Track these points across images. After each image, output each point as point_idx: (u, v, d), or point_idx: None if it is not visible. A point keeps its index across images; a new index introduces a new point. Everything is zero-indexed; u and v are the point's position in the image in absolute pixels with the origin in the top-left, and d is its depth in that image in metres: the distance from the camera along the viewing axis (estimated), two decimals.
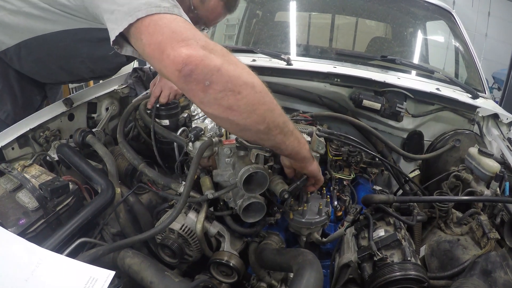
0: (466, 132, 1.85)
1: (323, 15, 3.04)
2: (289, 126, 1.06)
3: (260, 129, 0.98)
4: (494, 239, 1.25)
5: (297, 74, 1.98)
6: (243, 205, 1.23)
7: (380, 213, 1.39)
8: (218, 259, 1.27)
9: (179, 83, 0.89)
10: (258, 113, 0.95)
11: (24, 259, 0.88)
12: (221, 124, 1.03)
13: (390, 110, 1.83)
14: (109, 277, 0.85)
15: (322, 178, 1.31)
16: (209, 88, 0.87)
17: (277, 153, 1.19)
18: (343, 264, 1.24)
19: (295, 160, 1.20)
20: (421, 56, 2.59)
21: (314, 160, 1.25)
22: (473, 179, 1.56)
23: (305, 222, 1.33)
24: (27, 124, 1.50)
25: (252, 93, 0.92)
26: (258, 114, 0.95)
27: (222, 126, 1.22)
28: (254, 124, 0.96)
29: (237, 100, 0.90)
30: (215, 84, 0.87)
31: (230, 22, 3.12)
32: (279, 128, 1.02)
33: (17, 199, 1.22)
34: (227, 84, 0.88)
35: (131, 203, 1.44)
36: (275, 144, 1.06)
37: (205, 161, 1.45)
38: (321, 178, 1.31)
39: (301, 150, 1.14)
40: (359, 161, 1.75)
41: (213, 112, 0.93)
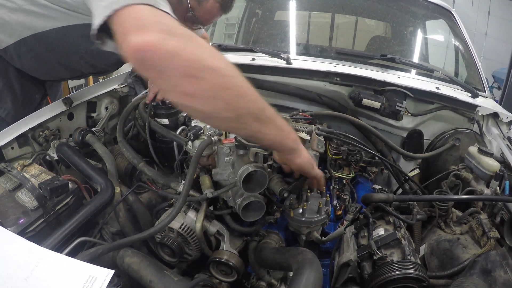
0: (466, 131, 1.85)
1: (322, 14, 3.04)
2: (267, 113, 0.96)
3: (229, 117, 0.89)
4: (494, 238, 1.25)
5: (296, 73, 1.98)
6: (242, 204, 1.23)
7: (380, 212, 1.39)
8: (217, 258, 1.27)
9: (139, 70, 0.85)
10: (223, 99, 0.87)
11: (24, 258, 0.88)
12: (186, 111, 1.00)
13: (389, 109, 1.83)
14: (108, 276, 0.85)
15: (317, 173, 1.23)
16: (163, 74, 0.82)
17: (258, 143, 1.13)
18: (343, 263, 1.24)
19: (279, 152, 1.15)
20: (421, 55, 2.59)
21: (304, 152, 1.15)
22: (473, 178, 1.56)
23: (304, 221, 1.33)
24: (27, 124, 1.50)
25: (213, 78, 0.85)
26: (222, 100, 0.87)
27: (188, 114, 1.17)
28: (220, 111, 0.88)
29: (196, 86, 0.83)
30: (170, 70, 0.81)
31: (229, 21, 3.12)
32: (253, 115, 0.93)
33: (17, 199, 1.22)
34: (184, 69, 0.82)
35: (131, 202, 1.44)
36: (251, 133, 0.98)
37: (205, 160, 1.45)
38: (315, 174, 1.22)
39: (284, 140, 1.05)
40: (358, 160, 1.75)
41: (173, 99, 0.88)
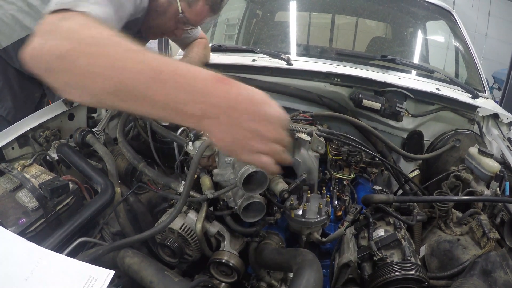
0: (466, 132, 1.85)
1: (323, 15, 3.04)
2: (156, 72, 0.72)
3: (105, 90, 0.73)
4: (494, 239, 1.25)
5: (297, 74, 1.98)
6: (243, 204, 1.23)
7: (380, 213, 1.39)
8: (218, 259, 1.27)
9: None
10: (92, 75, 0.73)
11: (24, 258, 0.88)
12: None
13: (390, 110, 1.83)
14: (109, 277, 0.85)
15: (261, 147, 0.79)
16: (47, 76, 0.77)
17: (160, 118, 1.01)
18: (343, 264, 1.24)
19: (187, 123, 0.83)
20: (421, 56, 2.59)
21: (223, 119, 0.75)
22: (473, 179, 1.55)
23: (305, 222, 1.33)
24: (27, 124, 1.50)
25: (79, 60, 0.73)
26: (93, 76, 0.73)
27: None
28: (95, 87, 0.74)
29: (69, 74, 0.75)
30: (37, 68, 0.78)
31: (230, 22, 3.12)
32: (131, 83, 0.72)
33: (17, 199, 1.22)
34: (52, 62, 0.75)
35: (131, 202, 1.44)
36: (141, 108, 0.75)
37: (205, 160, 1.45)
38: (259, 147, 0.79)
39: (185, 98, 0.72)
40: (359, 161, 1.75)
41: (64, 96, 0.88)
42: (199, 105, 0.71)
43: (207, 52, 2.04)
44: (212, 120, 0.73)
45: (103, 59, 0.72)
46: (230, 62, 2.05)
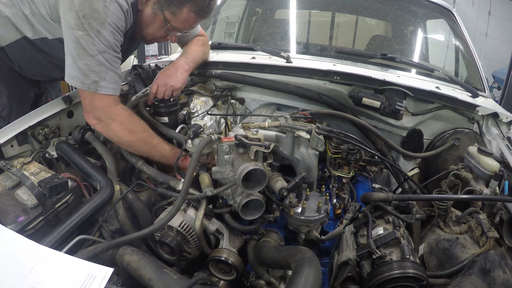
0: (465, 131, 1.85)
1: (323, 13, 3.04)
2: (157, 148, 1.53)
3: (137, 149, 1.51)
4: (493, 238, 1.25)
5: (296, 71, 1.98)
6: (242, 202, 1.23)
7: (379, 211, 1.39)
8: (216, 257, 1.27)
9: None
10: (133, 147, 1.51)
11: (23, 256, 0.88)
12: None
13: (389, 108, 1.83)
14: (108, 274, 0.85)
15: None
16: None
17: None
18: (342, 262, 1.24)
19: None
20: (421, 55, 2.58)
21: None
22: (473, 178, 1.55)
23: (304, 220, 1.33)
24: (26, 122, 1.50)
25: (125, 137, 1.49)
26: (133, 146, 1.51)
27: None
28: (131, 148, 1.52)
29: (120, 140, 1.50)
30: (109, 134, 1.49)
31: (230, 20, 3.11)
32: (146, 149, 1.52)
33: (16, 196, 1.22)
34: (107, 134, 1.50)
35: (130, 200, 1.44)
36: (149, 156, 1.53)
37: (204, 158, 1.45)
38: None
39: (167, 163, 1.54)
40: (358, 159, 1.75)
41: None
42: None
43: (206, 49, 2.04)
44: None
45: (141, 151, 1.51)
46: (230, 59, 2.05)
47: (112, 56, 1.39)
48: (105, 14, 1.32)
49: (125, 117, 1.45)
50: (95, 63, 1.35)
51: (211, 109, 1.96)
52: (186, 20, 1.52)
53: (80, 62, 1.34)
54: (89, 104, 1.42)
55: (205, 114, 1.93)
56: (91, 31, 1.31)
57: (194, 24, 1.61)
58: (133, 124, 1.47)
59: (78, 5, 1.30)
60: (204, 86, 2.09)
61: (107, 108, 1.42)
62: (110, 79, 1.40)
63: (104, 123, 1.43)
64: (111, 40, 1.37)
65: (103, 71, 1.37)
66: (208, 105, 1.97)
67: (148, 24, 1.55)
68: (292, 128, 1.40)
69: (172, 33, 1.61)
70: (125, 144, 1.49)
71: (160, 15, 1.50)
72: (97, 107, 1.41)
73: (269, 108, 2.07)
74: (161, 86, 1.68)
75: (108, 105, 1.42)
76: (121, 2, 1.37)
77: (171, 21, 1.52)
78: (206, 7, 1.52)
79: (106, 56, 1.36)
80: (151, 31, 1.58)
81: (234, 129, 1.73)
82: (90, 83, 1.36)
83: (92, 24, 1.30)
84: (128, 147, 1.50)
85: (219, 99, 2.04)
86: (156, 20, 1.52)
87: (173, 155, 1.51)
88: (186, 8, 1.48)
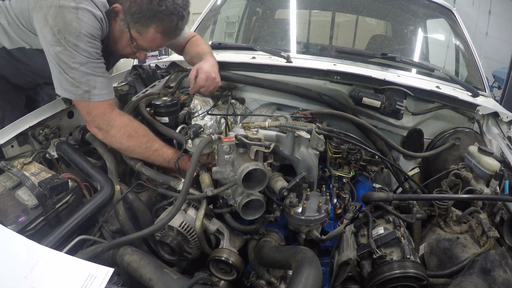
0: (466, 130, 1.85)
1: (323, 12, 3.03)
2: (157, 152, 1.51)
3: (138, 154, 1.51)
4: (494, 238, 1.25)
5: (297, 71, 1.98)
6: (242, 202, 1.23)
7: (380, 211, 1.39)
8: (217, 257, 1.27)
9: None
10: (135, 151, 1.50)
11: (24, 256, 0.88)
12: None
13: (390, 108, 1.82)
14: (108, 274, 0.85)
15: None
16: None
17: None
18: (342, 262, 1.24)
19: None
20: (422, 54, 2.58)
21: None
22: (473, 178, 1.55)
23: (304, 220, 1.33)
24: (27, 122, 1.50)
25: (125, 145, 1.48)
26: (134, 151, 1.50)
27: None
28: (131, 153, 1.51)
29: (122, 146, 1.49)
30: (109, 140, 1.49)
31: (230, 20, 3.11)
32: (146, 153, 1.51)
33: (17, 197, 1.22)
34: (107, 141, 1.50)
35: (131, 200, 1.44)
36: (150, 160, 1.52)
37: (205, 158, 1.45)
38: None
39: (167, 167, 1.53)
40: (358, 159, 1.75)
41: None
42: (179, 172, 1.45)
43: (206, 44, 2.05)
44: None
45: (143, 156, 1.50)
46: (230, 59, 2.05)
47: (94, 64, 1.39)
48: (79, 25, 1.31)
49: (124, 122, 1.46)
50: (81, 75, 1.35)
51: (211, 109, 1.95)
52: (152, 40, 1.49)
53: (67, 76, 1.35)
54: (87, 113, 1.43)
55: (205, 114, 1.92)
56: (68, 46, 1.31)
57: (161, 44, 1.56)
58: (132, 128, 1.47)
59: (51, 21, 1.30)
60: None
61: (104, 114, 1.43)
62: (101, 86, 1.40)
63: (104, 131, 1.44)
64: (90, 50, 1.36)
65: (91, 80, 1.38)
66: (208, 105, 1.97)
67: (117, 40, 1.52)
68: (292, 128, 1.40)
69: (140, 52, 1.58)
70: (125, 149, 1.48)
71: (127, 33, 1.47)
72: (94, 115, 1.42)
73: (270, 108, 2.07)
74: (209, 80, 1.73)
75: (104, 112, 1.43)
76: (93, 11, 1.35)
77: (137, 40, 1.49)
78: (173, 27, 1.48)
79: (88, 66, 1.37)
80: (120, 47, 1.56)
81: (235, 129, 1.73)
82: (82, 93, 1.38)
83: (67, 38, 1.30)
84: (129, 152, 1.49)
85: (219, 99, 2.03)
86: (124, 37, 1.50)
87: (175, 159, 1.49)
88: (152, 28, 1.44)
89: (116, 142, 1.47)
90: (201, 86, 1.74)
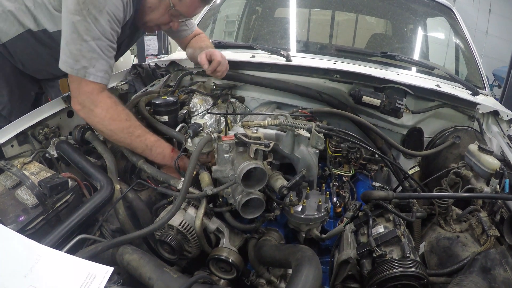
0: (466, 129, 1.85)
1: (323, 11, 3.03)
2: (140, 139, 1.48)
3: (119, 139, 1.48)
4: (494, 236, 1.25)
5: (296, 70, 1.98)
6: (242, 201, 1.23)
7: (380, 209, 1.38)
8: (217, 255, 1.27)
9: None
10: (115, 134, 1.47)
11: (23, 255, 0.88)
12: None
13: (389, 106, 1.82)
14: (108, 273, 0.85)
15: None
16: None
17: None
18: (342, 261, 1.24)
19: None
20: (421, 53, 2.58)
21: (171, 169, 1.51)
22: (473, 176, 1.55)
23: (304, 218, 1.33)
24: (26, 121, 1.50)
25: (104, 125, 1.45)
26: (114, 134, 1.47)
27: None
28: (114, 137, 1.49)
29: (103, 128, 1.46)
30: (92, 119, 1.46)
31: (229, 19, 3.11)
32: (128, 139, 1.48)
33: (17, 196, 1.22)
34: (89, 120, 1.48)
35: (130, 199, 1.44)
36: (131, 147, 1.51)
37: (204, 157, 1.45)
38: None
39: (150, 156, 1.52)
40: (358, 158, 1.75)
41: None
42: (161, 159, 1.52)
43: (210, 42, 2.09)
44: (166, 168, 1.55)
45: (124, 141, 1.47)
46: (230, 58, 2.05)
47: (105, 44, 1.39)
48: (105, 2, 1.34)
49: (109, 104, 1.44)
50: (88, 49, 1.35)
51: (211, 108, 1.95)
52: (191, 4, 1.55)
53: (73, 47, 1.35)
54: (76, 89, 1.42)
55: (205, 113, 1.92)
56: (89, 17, 1.32)
57: (198, 9, 1.63)
58: (116, 112, 1.45)
59: None
60: (204, 84, 2.09)
61: (92, 94, 1.41)
62: (100, 67, 1.40)
63: (88, 109, 1.42)
64: (107, 29, 1.38)
65: (94, 58, 1.37)
66: (208, 104, 1.97)
67: (153, 9, 1.56)
68: (292, 126, 1.40)
69: (175, 19, 1.63)
70: (107, 132, 1.46)
71: (167, 0, 1.52)
72: (82, 92, 1.41)
73: (269, 106, 2.07)
74: (223, 58, 1.82)
75: (93, 91, 1.41)
76: None
77: (176, 6, 1.54)
78: None
79: (99, 43, 1.37)
80: (155, 16, 1.59)
81: (234, 127, 1.73)
82: (79, 68, 1.37)
83: (90, 10, 1.32)
84: (110, 136, 1.48)
85: (219, 97, 2.03)
86: (161, 5, 1.54)
87: (158, 147, 1.50)
88: None
89: (98, 123, 1.45)
90: (219, 61, 1.80)
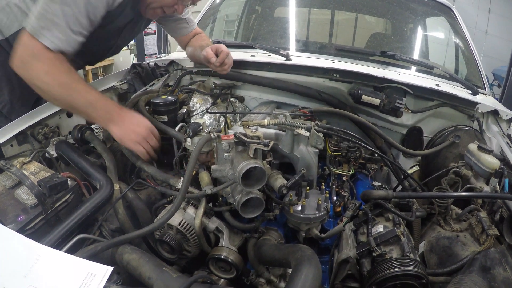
0: (465, 128, 1.85)
1: (322, 10, 3.03)
2: (77, 91, 1.38)
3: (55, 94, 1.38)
4: (493, 236, 1.25)
5: (296, 69, 1.98)
6: (241, 200, 1.23)
7: (379, 209, 1.38)
8: (216, 255, 1.27)
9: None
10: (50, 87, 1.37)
11: (23, 255, 0.88)
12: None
13: (389, 105, 1.82)
14: (107, 273, 0.85)
15: (136, 149, 1.45)
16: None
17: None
18: (342, 260, 1.24)
19: (96, 123, 1.57)
20: (421, 52, 2.58)
21: (126, 124, 1.45)
22: (473, 176, 1.55)
23: (304, 218, 1.33)
24: (26, 121, 1.50)
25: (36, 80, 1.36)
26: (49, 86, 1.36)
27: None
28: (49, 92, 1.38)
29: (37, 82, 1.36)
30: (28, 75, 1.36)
31: (229, 18, 3.11)
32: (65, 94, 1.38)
33: (16, 196, 1.22)
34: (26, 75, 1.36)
35: (130, 199, 1.44)
36: (66, 103, 1.43)
37: (204, 156, 1.45)
38: (134, 149, 1.46)
39: (94, 112, 1.42)
40: (358, 157, 1.75)
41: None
42: (108, 117, 1.43)
43: (210, 41, 2.08)
44: (113, 125, 1.44)
45: (66, 100, 1.40)
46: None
47: (73, 13, 1.32)
48: None
49: (49, 58, 1.33)
50: (52, 12, 1.29)
51: (210, 107, 1.95)
52: None
53: (40, 6, 1.29)
54: (22, 45, 1.32)
55: (205, 112, 1.92)
56: None
57: None
58: (55, 66, 1.33)
59: None
60: (203, 84, 2.09)
61: (37, 53, 1.31)
62: (57, 34, 1.31)
63: (27, 64, 1.33)
64: (86, 3, 1.32)
65: (55, 24, 1.30)
66: (208, 103, 1.97)
67: None
68: (291, 126, 1.40)
69: (181, 2, 1.61)
70: (45, 88, 1.35)
71: None
72: (28, 48, 1.32)
73: (269, 106, 2.07)
74: (230, 58, 1.83)
75: (39, 51, 1.31)
76: None
77: None
78: None
79: (66, 10, 1.29)
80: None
81: (234, 127, 1.73)
82: (35, 27, 1.29)
83: None
84: (46, 91, 1.36)
85: (219, 97, 2.03)
86: None
87: (103, 104, 1.42)
88: None
89: (34, 77, 1.34)
90: (227, 53, 1.81)
